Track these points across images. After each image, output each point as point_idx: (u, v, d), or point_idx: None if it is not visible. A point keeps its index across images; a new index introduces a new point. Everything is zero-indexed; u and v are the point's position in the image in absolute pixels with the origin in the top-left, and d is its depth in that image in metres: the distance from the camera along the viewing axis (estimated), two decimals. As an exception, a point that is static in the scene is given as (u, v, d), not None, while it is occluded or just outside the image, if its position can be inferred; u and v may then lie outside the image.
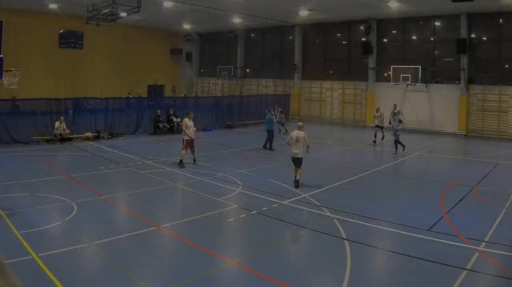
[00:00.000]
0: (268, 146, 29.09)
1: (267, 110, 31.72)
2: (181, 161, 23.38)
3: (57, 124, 30.10)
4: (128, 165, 23.53)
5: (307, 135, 19.28)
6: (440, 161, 27.29)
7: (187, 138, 23.42)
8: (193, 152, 23.90)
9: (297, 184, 19.15)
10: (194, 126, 24.51)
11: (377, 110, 33.30)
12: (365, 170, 23.47)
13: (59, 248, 11.78)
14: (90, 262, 11.42)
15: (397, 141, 27.64)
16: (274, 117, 31.03)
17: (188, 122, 23.83)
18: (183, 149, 23.44)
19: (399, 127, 27.77)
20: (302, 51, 51.29)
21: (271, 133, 29.25)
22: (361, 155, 28.86)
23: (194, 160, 23.92)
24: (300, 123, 20.60)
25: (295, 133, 19.38)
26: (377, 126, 33.06)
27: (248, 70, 58.58)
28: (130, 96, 43.75)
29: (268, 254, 11.95)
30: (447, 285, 9.93)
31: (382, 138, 32.74)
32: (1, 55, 13.98)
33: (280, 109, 35.40)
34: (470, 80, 38.71)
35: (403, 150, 27.89)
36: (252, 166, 23.82)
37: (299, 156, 19.21)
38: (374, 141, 32.37)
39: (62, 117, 30.50)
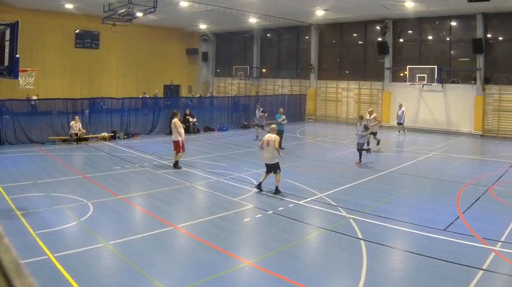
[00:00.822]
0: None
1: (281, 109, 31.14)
2: (177, 162, 23.06)
3: (72, 123, 30.22)
4: (144, 165, 23.65)
5: (277, 139, 18.57)
6: (456, 161, 27.15)
7: (183, 139, 22.96)
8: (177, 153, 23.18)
9: (259, 187, 18.41)
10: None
11: (370, 113, 31.37)
12: (381, 170, 23.57)
13: (75, 248, 11.88)
14: (106, 262, 11.45)
15: (360, 151, 25.37)
16: (282, 116, 29.71)
17: (179, 122, 23.55)
18: (180, 151, 22.95)
19: (363, 134, 25.24)
20: (318, 51, 51.32)
21: (280, 133, 28.74)
22: (377, 155, 28.75)
23: (177, 163, 23.11)
24: (273, 125, 20.21)
25: (267, 137, 18.72)
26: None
27: (264, 70, 58.78)
28: (146, 96, 44.00)
29: (284, 254, 11.96)
30: (463, 285, 9.94)
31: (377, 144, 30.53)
32: (17, 55, 14.01)
33: (262, 109, 34.19)
34: (486, 80, 38.59)
35: (359, 161, 25.34)
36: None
37: (272, 161, 18.48)
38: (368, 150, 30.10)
39: (77, 117, 30.64)
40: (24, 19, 29.52)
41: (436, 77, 39.35)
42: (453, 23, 40.99)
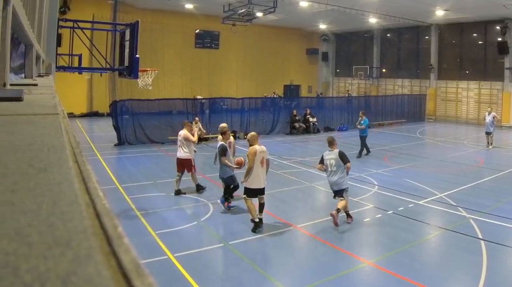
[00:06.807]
0: (366, 150, 27.72)
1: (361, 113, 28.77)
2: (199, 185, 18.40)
3: (192, 124, 30.78)
4: (264, 165, 24.01)
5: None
6: None
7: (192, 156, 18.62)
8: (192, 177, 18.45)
9: None
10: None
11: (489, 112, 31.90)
12: (501, 170, 23.21)
13: (194, 248, 12.30)
14: (226, 261, 11.90)
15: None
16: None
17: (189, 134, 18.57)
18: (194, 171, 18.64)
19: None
20: (438, 51, 50.79)
21: (363, 138, 27.63)
22: (497, 154, 28.34)
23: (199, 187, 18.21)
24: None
25: None
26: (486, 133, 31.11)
27: (384, 70, 58.55)
28: (271, 96, 44.69)
29: (403, 254, 12.10)
30: None
31: None
32: (137, 55, 14.71)
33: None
34: None
35: None
36: (388, 166, 23.97)
37: None
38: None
39: (197, 118, 30.36)
40: (144, 19, 30.33)
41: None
42: None
